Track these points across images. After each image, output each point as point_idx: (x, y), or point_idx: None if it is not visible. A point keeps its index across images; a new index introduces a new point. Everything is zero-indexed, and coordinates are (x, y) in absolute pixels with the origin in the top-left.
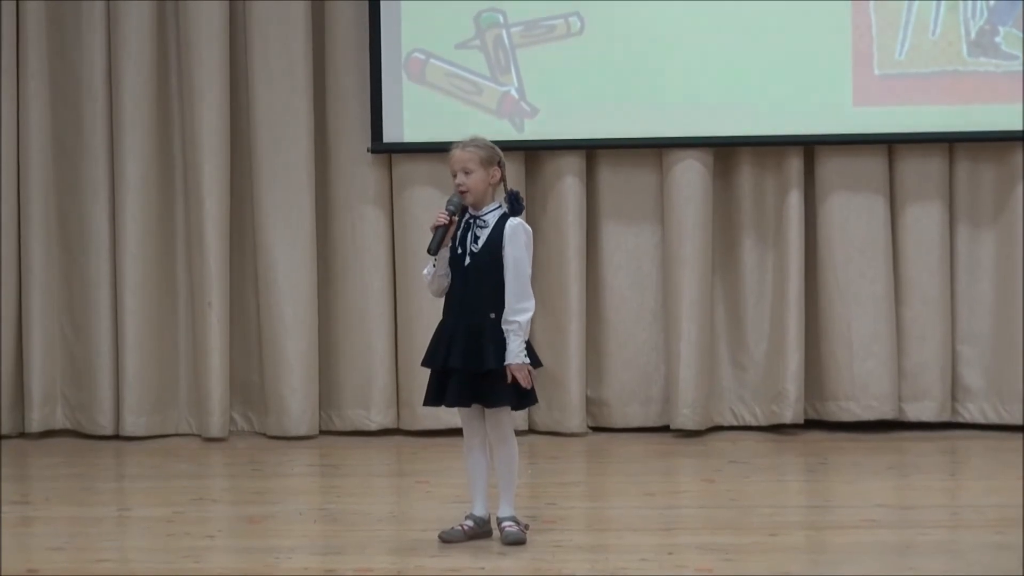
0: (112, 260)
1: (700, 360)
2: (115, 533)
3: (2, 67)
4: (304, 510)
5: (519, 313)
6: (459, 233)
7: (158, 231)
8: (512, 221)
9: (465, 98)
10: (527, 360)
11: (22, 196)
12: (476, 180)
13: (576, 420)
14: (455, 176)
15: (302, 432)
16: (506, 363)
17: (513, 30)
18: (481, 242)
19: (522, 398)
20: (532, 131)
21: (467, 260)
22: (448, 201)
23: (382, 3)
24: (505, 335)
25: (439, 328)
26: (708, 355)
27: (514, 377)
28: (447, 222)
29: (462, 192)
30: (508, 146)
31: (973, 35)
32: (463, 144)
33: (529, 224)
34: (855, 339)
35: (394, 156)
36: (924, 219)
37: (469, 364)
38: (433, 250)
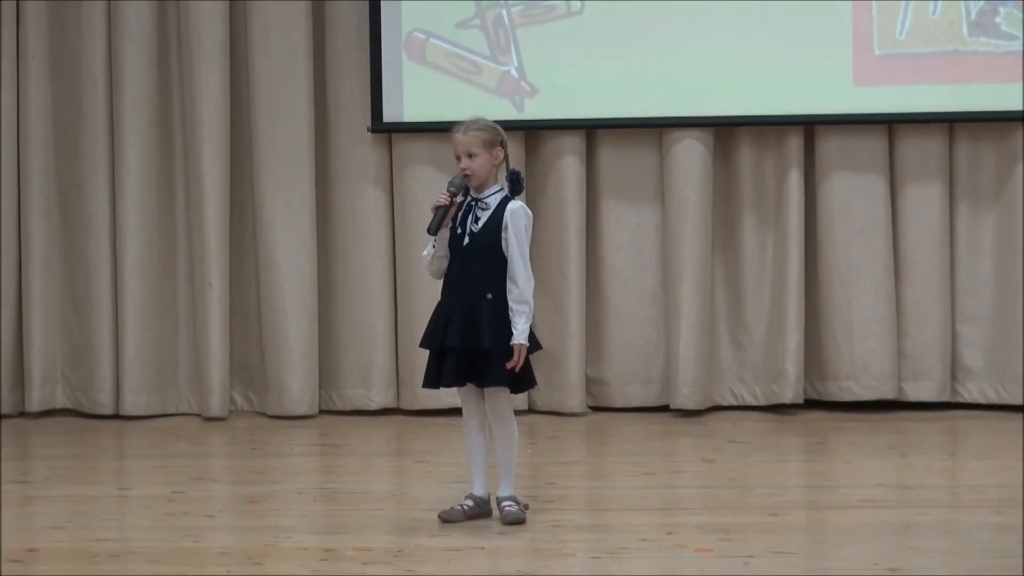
0: (112, 240)
1: (700, 340)
2: (115, 512)
3: (2, 51)
4: (304, 489)
5: (526, 297)
6: (459, 214)
7: (158, 211)
8: (513, 204)
9: (465, 78)
10: (527, 343)
11: (22, 177)
12: (480, 163)
13: (576, 400)
14: (459, 159)
15: (302, 412)
16: (514, 342)
17: (513, 9)
18: (481, 223)
19: (520, 380)
20: (532, 111)
21: (466, 240)
22: (450, 183)
23: None
24: (513, 315)
25: (437, 309)
26: (708, 335)
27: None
28: (448, 203)
29: (466, 176)
30: (508, 126)
31: (974, 15)
32: (465, 127)
33: (529, 204)
34: (855, 319)
35: (394, 136)
36: (924, 199)
37: (466, 343)
38: (433, 230)
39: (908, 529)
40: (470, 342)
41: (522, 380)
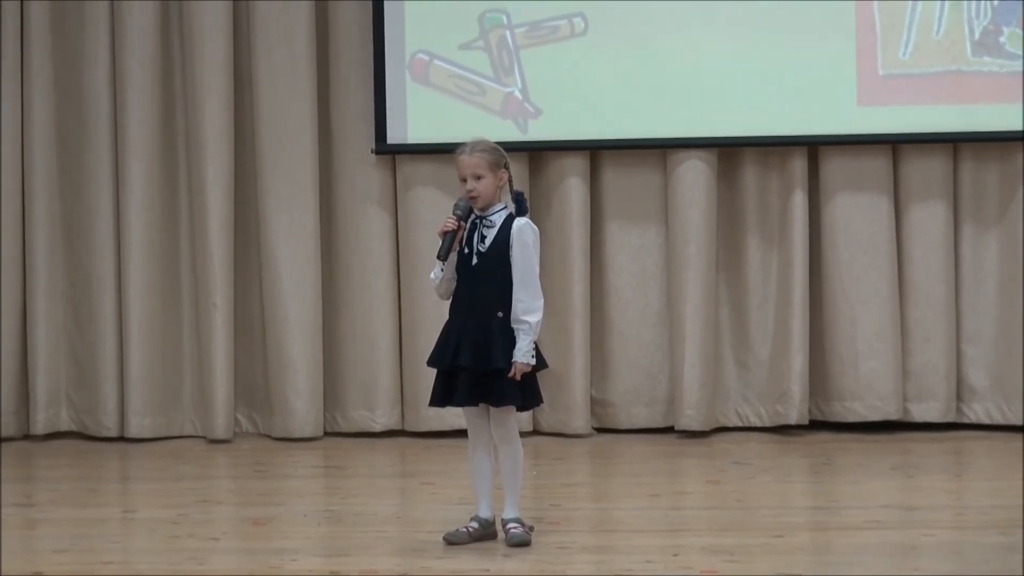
0: (116, 261)
1: (704, 360)
2: (119, 535)
3: (6, 66)
4: (309, 512)
5: (530, 313)
6: (465, 233)
7: (162, 231)
8: (519, 221)
9: (469, 99)
10: (533, 361)
11: (26, 195)
12: (486, 185)
13: (580, 421)
14: (465, 181)
15: (307, 434)
16: (514, 360)
17: (517, 31)
18: (488, 242)
19: (527, 399)
20: (536, 132)
21: (474, 260)
22: (455, 206)
23: (386, 3)
24: (515, 334)
25: (446, 328)
26: (712, 355)
27: (521, 376)
28: (455, 227)
29: (472, 198)
30: (512, 147)
31: (977, 35)
32: (470, 148)
33: (533, 225)
34: (859, 339)
35: (398, 157)
36: (928, 219)
37: (477, 363)
38: (443, 256)
39: (913, 550)
40: (482, 362)
41: (529, 397)
